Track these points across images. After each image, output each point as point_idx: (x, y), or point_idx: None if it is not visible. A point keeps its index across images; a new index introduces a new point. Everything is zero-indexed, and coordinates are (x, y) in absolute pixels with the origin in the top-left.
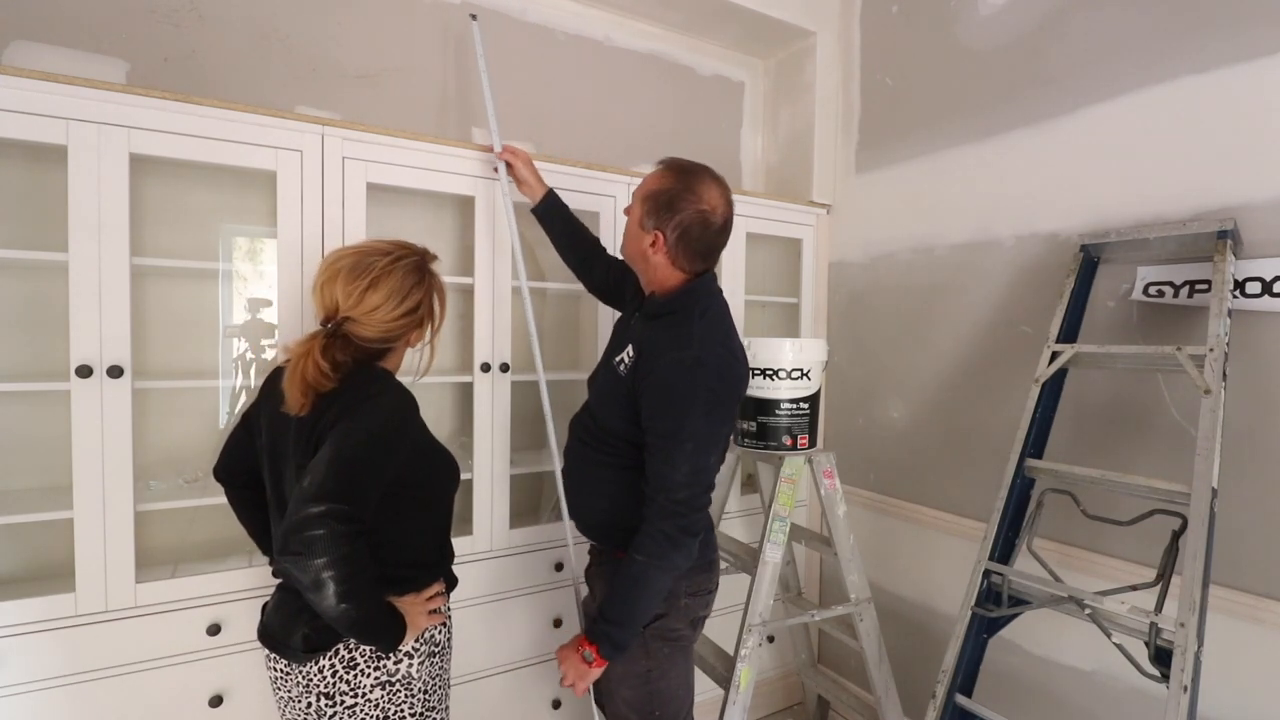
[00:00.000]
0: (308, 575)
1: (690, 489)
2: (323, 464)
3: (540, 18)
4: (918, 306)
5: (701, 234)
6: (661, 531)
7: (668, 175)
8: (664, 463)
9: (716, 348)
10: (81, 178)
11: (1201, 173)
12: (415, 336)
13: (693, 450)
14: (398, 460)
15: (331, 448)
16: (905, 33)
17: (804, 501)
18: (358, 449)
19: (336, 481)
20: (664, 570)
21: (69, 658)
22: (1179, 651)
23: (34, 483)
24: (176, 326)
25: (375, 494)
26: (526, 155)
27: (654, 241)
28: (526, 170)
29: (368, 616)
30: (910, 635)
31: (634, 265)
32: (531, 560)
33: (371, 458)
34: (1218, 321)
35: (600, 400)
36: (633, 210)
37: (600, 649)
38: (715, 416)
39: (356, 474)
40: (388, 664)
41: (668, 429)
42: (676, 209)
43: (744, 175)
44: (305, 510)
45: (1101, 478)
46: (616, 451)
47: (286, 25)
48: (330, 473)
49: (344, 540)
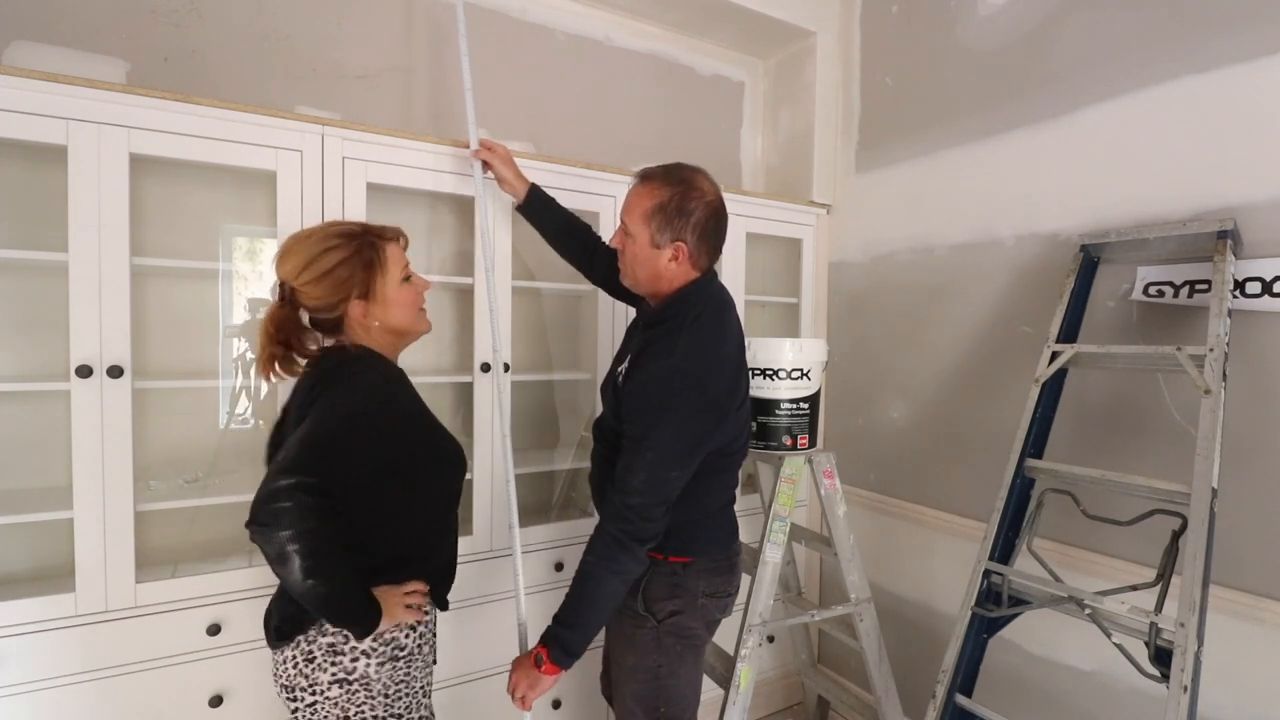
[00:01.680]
0: (272, 547)
1: (642, 497)
2: (296, 439)
3: (540, 18)
4: (918, 306)
5: (717, 225)
6: (610, 534)
7: (659, 185)
8: (625, 467)
9: (702, 357)
10: (81, 178)
11: (1201, 173)
12: (356, 309)
13: (652, 459)
14: (381, 440)
15: (308, 423)
16: (905, 33)
17: (804, 501)
18: (333, 425)
19: (309, 455)
20: (613, 573)
21: (69, 658)
22: (1179, 651)
23: (34, 483)
24: (176, 326)
25: (353, 473)
26: (505, 152)
27: (675, 254)
28: (505, 168)
29: (336, 595)
30: (910, 635)
31: (646, 290)
32: (532, 560)
33: (349, 435)
34: (1218, 321)
35: (608, 406)
36: (634, 234)
37: (550, 653)
38: (689, 429)
39: (330, 450)
40: (344, 661)
41: (636, 434)
42: (688, 210)
43: (744, 175)
44: (274, 483)
45: (1101, 478)
46: None
47: (286, 25)
48: (302, 447)
49: (311, 514)
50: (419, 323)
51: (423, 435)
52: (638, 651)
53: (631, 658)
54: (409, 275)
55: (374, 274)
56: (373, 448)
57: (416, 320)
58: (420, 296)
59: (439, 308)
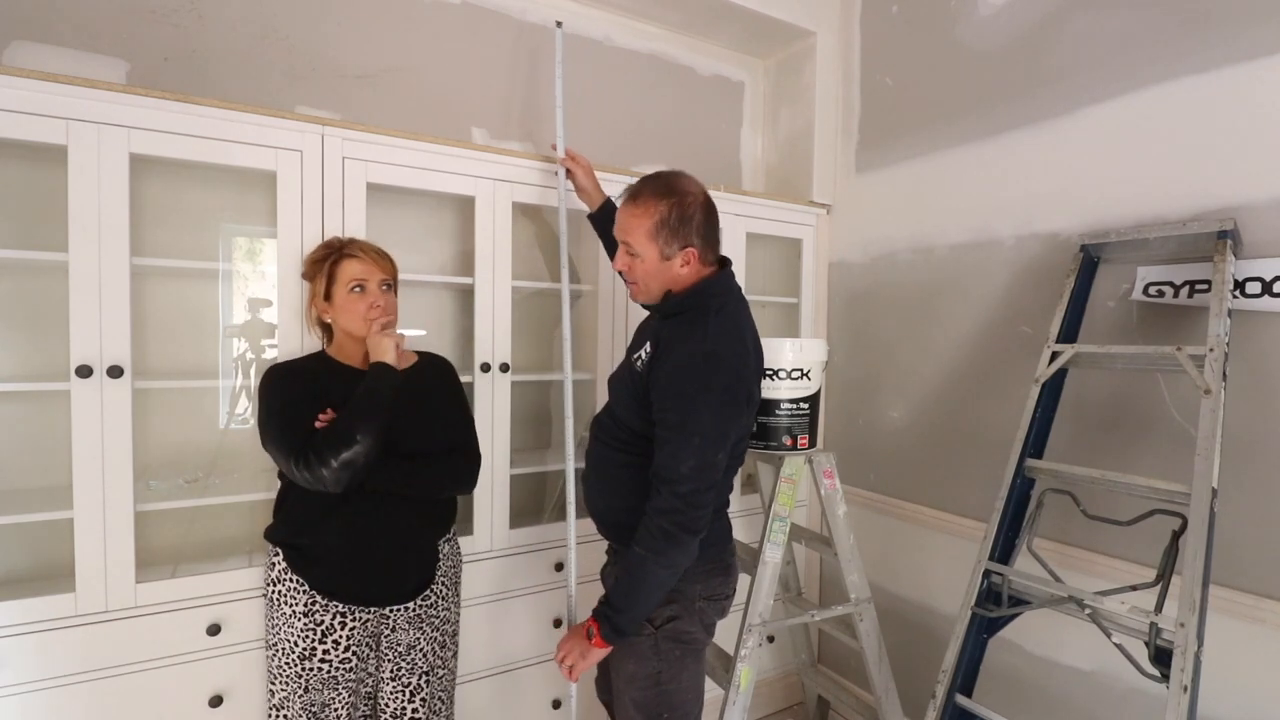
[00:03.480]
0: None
1: (694, 483)
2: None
3: (540, 18)
4: (918, 306)
5: (713, 219)
6: (660, 528)
7: (653, 201)
8: (670, 455)
9: (732, 342)
10: (81, 178)
11: (1201, 173)
12: (316, 304)
13: (700, 445)
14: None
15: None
16: (905, 33)
17: (804, 501)
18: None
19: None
20: (662, 566)
21: (69, 658)
22: (1179, 651)
23: (34, 483)
24: (176, 326)
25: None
26: (588, 164)
27: (686, 260)
28: (586, 179)
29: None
30: (910, 635)
31: (657, 299)
32: (532, 560)
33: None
34: (1218, 321)
35: (619, 398)
36: (640, 254)
37: (600, 629)
38: (726, 413)
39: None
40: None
41: (676, 421)
42: (688, 217)
43: (744, 175)
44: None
45: (1101, 478)
46: (636, 450)
47: (286, 25)
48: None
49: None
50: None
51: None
52: (637, 659)
53: (631, 665)
54: (360, 286)
55: (321, 283)
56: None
57: (362, 328)
58: (369, 307)
59: (439, 308)
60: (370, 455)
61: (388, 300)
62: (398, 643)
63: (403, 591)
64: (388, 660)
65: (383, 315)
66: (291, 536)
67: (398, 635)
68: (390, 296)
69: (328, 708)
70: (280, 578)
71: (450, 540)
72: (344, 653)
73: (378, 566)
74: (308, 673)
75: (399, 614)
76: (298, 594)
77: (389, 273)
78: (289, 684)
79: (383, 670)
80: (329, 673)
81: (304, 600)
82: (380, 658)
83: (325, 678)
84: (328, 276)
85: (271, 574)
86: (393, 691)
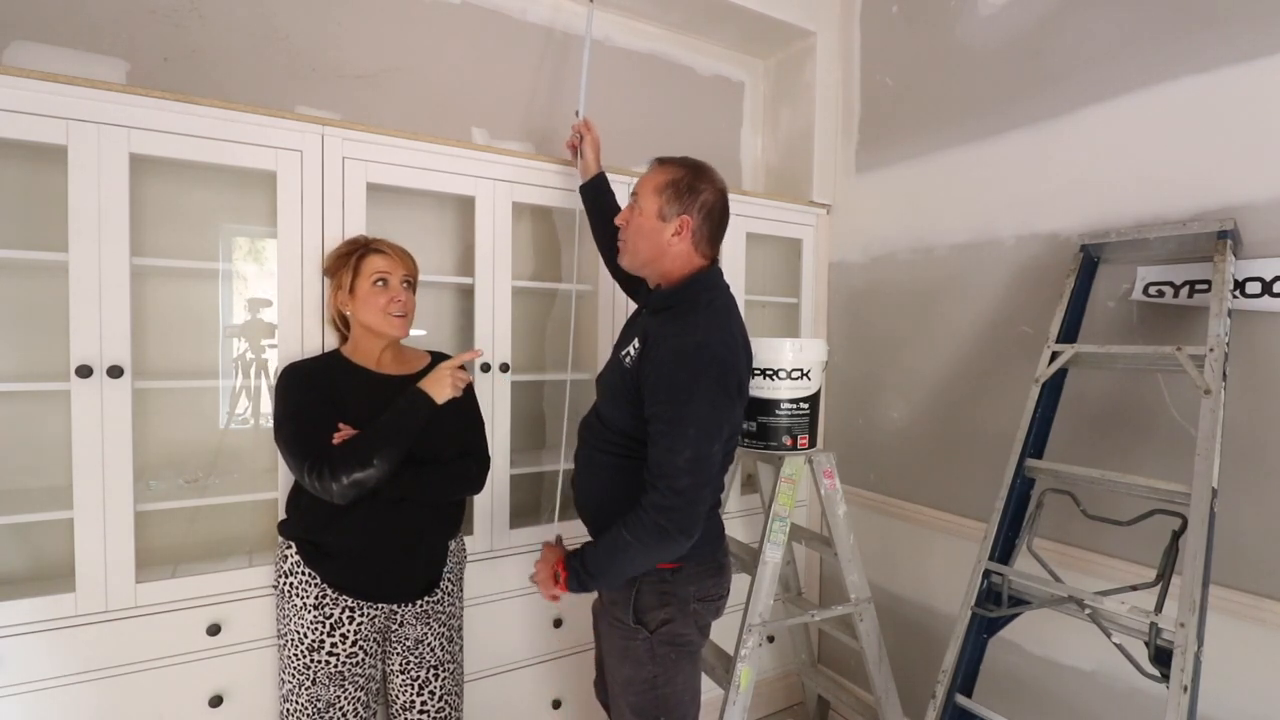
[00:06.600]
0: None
1: (691, 476)
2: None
3: (540, 18)
4: (918, 306)
5: (722, 214)
6: (657, 524)
7: (673, 167)
8: (666, 450)
9: (721, 334)
10: (81, 178)
11: (1201, 173)
12: (338, 298)
13: (695, 436)
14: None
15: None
16: (905, 33)
17: (804, 501)
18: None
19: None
20: (649, 557)
21: (69, 658)
22: (1179, 651)
23: (34, 483)
24: (176, 326)
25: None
26: (598, 140)
27: (679, 229)
28: (591, 152)
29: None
30: (910, 635)
31: (644, 268)
32: (532, 560)
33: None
34: (1218, 321)
35: (608, 396)
36: (643, 207)
37: (569, 580)
38: (719, 402)
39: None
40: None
41: (669, 414)
42: (698, 189)
43: (744, 175)
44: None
45: (1101, 478)
46: (626, 451)
47: (286, 25)
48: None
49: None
50: (385, 324)
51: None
52: (632, 663)
53: (627, 670)
54: (383, 280)
55: (349, 277)
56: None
57: (381, 321)
58: (389, 301)
59: (440, 308)
60: (382, 480)
61: (408, 297)
62: (405, 637)
63: (412, 589)
64: (396, 654)
65: (401, 310)
66: (307, 534)
67: (405, 630)
68: (410, 294)
69: (334, 706)
70: (292, 570)
71: (458, 540)
72: (351, 647)
73: (390, 565)
74: (315, 665)
75: (407, 610)
76: (309, 587)
77: (411, 271)
78: (296, 675)
79: (391, 663)
80: (335, 666)
81: (315, 593)
82: (389, 652)
83: (332, 671)
84: (353, 270)
85: (284, 566)
86: (402, 684)
